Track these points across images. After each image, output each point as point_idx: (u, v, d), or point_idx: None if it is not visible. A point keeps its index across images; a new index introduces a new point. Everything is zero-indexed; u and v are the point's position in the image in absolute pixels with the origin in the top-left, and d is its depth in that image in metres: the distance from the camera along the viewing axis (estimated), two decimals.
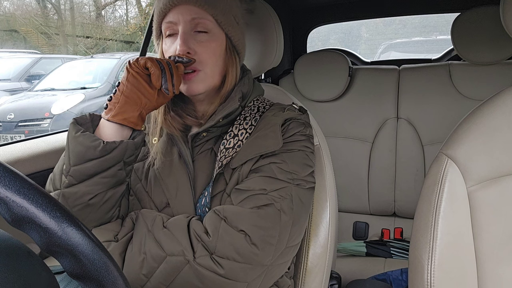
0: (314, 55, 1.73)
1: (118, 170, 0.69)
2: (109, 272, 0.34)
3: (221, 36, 0.77)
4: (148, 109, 0.71)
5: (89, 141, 0.66)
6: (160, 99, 0.72)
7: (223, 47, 0.77)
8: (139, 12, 13.07)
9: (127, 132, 0.71)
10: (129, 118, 0.69)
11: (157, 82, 0.69)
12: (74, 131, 0.68)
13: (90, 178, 0.68)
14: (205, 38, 0.75)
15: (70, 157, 0.68)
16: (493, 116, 0.74)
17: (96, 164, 0.67)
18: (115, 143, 0.67)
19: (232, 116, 0.78)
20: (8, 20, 11.75)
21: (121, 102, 0.68)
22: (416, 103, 1.59)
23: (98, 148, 0.66)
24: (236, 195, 0.70)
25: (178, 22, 0.74)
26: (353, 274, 1.34)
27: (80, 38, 12.41)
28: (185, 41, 0.72)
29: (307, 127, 0.79)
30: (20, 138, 2.39)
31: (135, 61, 0.70)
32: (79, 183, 0.68)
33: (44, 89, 6.07)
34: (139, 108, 0.69)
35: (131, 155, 0.70)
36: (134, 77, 0.68)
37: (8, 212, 0.32)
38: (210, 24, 0.75)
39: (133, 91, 0.68)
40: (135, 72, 0.69)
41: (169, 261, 0.65)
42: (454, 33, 1.45)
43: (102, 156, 0.66)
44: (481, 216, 0.72)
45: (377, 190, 1.64)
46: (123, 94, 0.68)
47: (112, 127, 0.69)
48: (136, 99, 0.69)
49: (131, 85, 0.68)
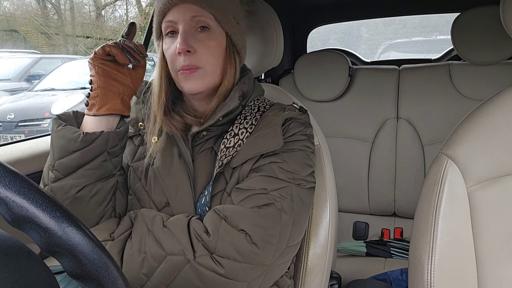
0: (314, 55, 1.73)
1: (102, 161, 0.70)
2: (109, 272, 0.34)
3: (221, 35, 0.77)
4: (128, 93, 0.73)
5: (70, 133, 0.68)
6: (134, 79, 0.74)
7: (223, 46, 0.77)
8: (139, 12, 13.07)
9: (113, 122, 0.72)
10: (113, 106, 0.71)
11: (124, 59, 0.71)
12: (56, 126, 0.70)
13: (75, 171, 0.69)
14: (205, 36, 0.75)
15: (54, 151, 0.70)
16: (493, 116, 0.74)
17: (79, 155, 0.68)
18: (95, 133, 0.69)
19: (232, 115, 0.78)
20: (8, 20, 11.75)
21: (100, 95, 0.70)
22: (416, 103, 1.59)
23: (78, 139, 0.67)
24: (237, 195, 0.70)
25: (178, 21, 0.74)
26: (353, 274, 1.34)
27: (80, 38, 12.41)
28: (185, 39, 0.73)
29: (308, 127, 0.79)
30: (20, 138, 2.39)
31: (93, 54, 0.71)
32: (65, 177, 0.69)
33: (44, 89, 6.07)
34: (119, 95, 0.72)
35: (115, 145, 0.72)
36: (101, 68, 0.70)
37: (8, 212, 0.32)
38: (210, 22, 0.75)
39: (106, 81, 0.70)
40: (99, 63, 0.70)
41: (169, 261, 0.65)
42: (454, 33, 1.45)
43: (83, 148, 0.68)
44: (481, 216, 0.72)
45: (377, 190, 1.64)
46: (99, 86, 0.70)
47: (97, 120, 0.71)
48: (113, 88, 0.71)
49: (102, 76, 0.70)
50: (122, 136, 0.73)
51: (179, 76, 0.76)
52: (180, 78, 0.75)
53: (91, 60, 0.71)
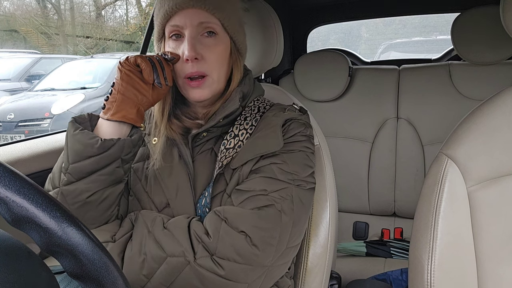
0: (314, 55, 1.73)
1: (116, 168, 0.70)
2: (109, 272, 0.34)
3: (226, 40, 0.77)
4: (145, 105, 0.73)
5: (87, 139, 0.67)
6: (155, 94, 0.73)
7: (228, 50, 0.78)
8: (139, 12, 13.06)
9: (125, 130, 0.72)
10: (128, 115, 0.70)
11: (149, 77, 0.71)
12: (72, 129, 0.69)
13: (89, 175, 0.68)
14: (212, 43, 0.74)
15: (68, 154, 0.69)
16: (493, 116, 0.74)
17: (94, 161, 0.67)
18: (113, 140, 0.68)
19: (233, 116, 0.78)
20: (8, 20, 11.75)
21: (118, 101, 0.70)
22: (416, 103, 1.59)
23: (96, 145, 0.67)
24: (237, 196, 0.70)
25: (185, 26, 0.73)
26: (353, 274, 1.34)
27: (80, 38, 12.41)
28: (193, 46, 0.72)
29: (308, 128, 0.79)
30: (20, 138, 2.38)
31: (125, 60, 0.71)
32: (78, 181, 0.68)
33: (44, 89, 6.07)
34: (136, 105, 0.71)
35: (129, 153, 0.71)
36: (127, 75, 0.70)
37: (8, 212, 0.32)
38: (217, 28, 0.75)
39: (128, 88, 0.70)
40: (127, 70, 0.70)
41: (169, 262, 0.64)
42: (454, 33, 1.45)
43: (100, 154, 0.67)
44: (481, 216, 0.72)
45: (377, 190, 1.64)
46: (119, 92, 0.70)
47: (110, 125, 0.70)
48: (132, 96, 0.70)
49: (126, 83, 0.70)
50: (136, 143, 0.72)
51: (185, 84, 0.75)
52: (187, 87, 0.76)
53: (120, 64, 0.71)
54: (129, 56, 0.71)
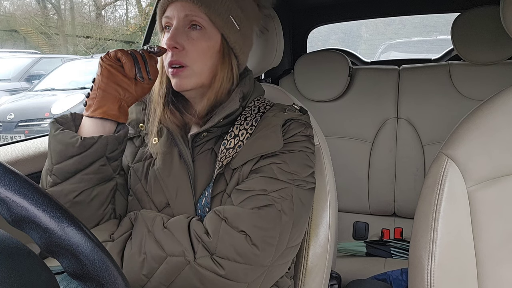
0: (314, 55, 1.73)
1: (101, 166, 0.69)
2: (109, 272, 0.34)
3: (215, 36, 0.76)
4: (128, 100, 0.72)
5: (67, 138, 0.67)
6: (139, 89, 0.72)
7: (216, 47, 0.76)
8: (139, 12, 13.07)
9: (109, 127, 0.71)
10: (109, 111, 0.69)
11: (131, 71, 0.70)
12: (53, 130, 0.68)
13: (73, 175, 0.68)
14: (196, 36, 0.74)
15: (51, 156, 0.68)
16: (493, 116, 0.74)
17: (77, 161, 0.67)
18: (94, 138, 0.67)
19: (233, 117, 0.78)
20: (8, 20, 11.75)
21: (99, 96, 0.69)
22: (416, 103, 1.59)
23: (76, 144, 0.66)
24: (237, 196, 0.70)
25: (173, 17, 0.75)
26: (353, 274, 1.34)
27: (80, 38, 12.41)
28: (174, 36, 0.73)
29: (308, 128, 0.79)
30: (20, 138, 2.39)
31: (106, 54, 0.70)
32: (63, 182, 0.68)
33: (44, 89, 6.07)
34: (118, 100, 0.70)
35: (114, 150, 0.70)
36: (108, 70, 0.69)
37: (8, 212, 0.32)
38: (204, 23, 0.74)
39: (108, 84, 0.69)
40: (107, 65, 0.69)
41: (169, 262, 0.65)
42: (454, 33, 1.45)
43: (81, 152, 0.67)
44: (481, 216, 0.72)
45: (377, 190, 1.64)
46: (100, 88, 0.69)
47: (93, 123, 0.69)
48: (114, 92, 0.69)
49: (106, 78, 0.69)
50: (121, 140, 0.71)
51: (169, 72, 0.76)
52: (170, 75, 0.76)
53: (101, 59, 0.70)
54: (110, 51, 0.71)
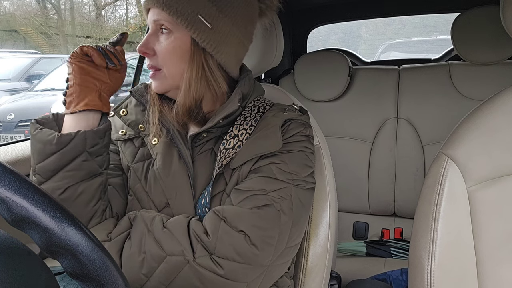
0: (314, 55, 1.73)
1: (83, 162, 0.69)
2: (108, 272, 0.34)
3: (183, 37, 0.74)
4: (106, 90, 0.73)
5: (45, 136, 0.67)
6: (114, 78, 0.74)
7: (184, 48, 0.74)
8: (139, 12, 13.07)
9: (93, 119, 0.71)
10: (90, 102, 0.70)
11: (101, 61, 0.71)
12: (33, 130, 0.69)
13: (56, 173, 0.68)
14: (163, 39, 0.75)
15: (33, 155, 0.69)
16: (493, 116, 0.74)
17: (57, 158, 0.67)
18: (71, 134, 0.68)
19: (232, 117, 0.78)
20: (8, 20, 11.76)
21: (77, 91, 0.70)
22: (416, 103, 1.59)
23: (53, 141, 0.67)
24: (236, 196, 0.70)
25: (149, 23, 0.76)
26: (353, 274, 1.34)
27: (80, 38, 12.42)
28: (144, 43, 0.75)
29: (307, 128, 0.79)
30: (20, 138, 2.39)
31: (72, 53, 0.71)
32: (47, 180, 0.68)
33: (44, 89, 6.07)
34: (97, 91, 0.71)
35: (95, 145, 0.70)
36: (78, 66, 0.70)
37: (8, 212, 0.32)
38: (170, 25, 0.74)
39: (83, 78, 0.70)
40: (77, 61, 0.70)
41: (169, 261, 0.65)
42: (454, 33, 1.45)
43: (60, 150, 0.67)
44: (481, 216, 0.72)
45: (377, 190, 1.64)
46: (75, 83, 0.70)
47: (76, 118, 0.70)
48: (90, 85, 0.70)
49: (79, 74, 0.70)
50: (102, 134, 0.71)
51: None
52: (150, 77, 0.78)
53: (69, 59, 0.71)
54: (75, 49, 0.71)
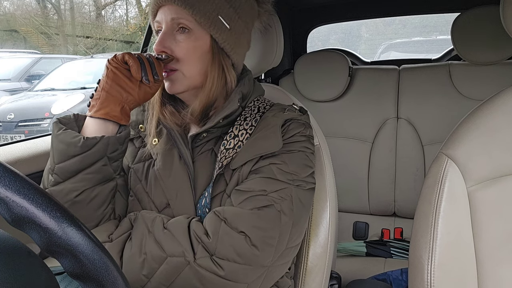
0: (314, 55, 1.73)
1: (102, 166, 0.70)
2: (109, 272, 0.34)
3: (203, 37, 0.75)
4: (131, 103, 0.72)
5: (69, 138, 0.67)
6: (142, 93, 0.72)
7: (205, 48, 0.75)
8: (139, 12, 13.07)
9: (112, 128, 0.71)
10: (111, 112, 0.70)
11: (137, 74, 0.70)
12: (56, 130, 0.69)
13: (75, 175, 0.68)
14: (183, 38, 0.74)
15: (53, 155, 0.69)
16: (493, 116, 0.74)
17: (79, 160, 0.67)
18: (96, 138, 0.68)
19: (232, 117, 0.78)
20: (8, 20, 11.76)
21: (102, 98, 0.70)
22: (416, 103, 1.59)
23: (78, 144, 0.67)
24: (236, 196, 0.70)
25: (162, 21, 0.75)
26: (353, 274, 1.34)
27: (80, 38, 12.42)
28: (162, 41, 0.74)
29: (307, 128, 0.79)
30: (20, 138, 2.39)
31: (113, 57, 0.71)
32: (65, 181, 0.69)
33: (44, 89, 6.07)
34: (121, 103, 0.70)
35: (115, 150, 0.71)
36: (113, 72, 0.70)
37: (8, 212, 0.32)
38: (190, 25, 0.74)
39: (113, 86, 0.69)
40: (114, 67, 0.70)
41: (169, 262, 0.65)
42: (454, 33, 1.45)
43: (83, 152, 0.67)
44: (481, 216, 0.72)
45: (377, 190, 1.64)
46: (104, 89, 0.70)
47: (96, 123, 0.70)
48: (117, 94, 0.70)
49: (111, 80, 0.69)
50: (122, 141, 0.72)
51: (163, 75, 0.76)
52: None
53: (108, 61, 0.71)
54: (117, 54, 0.71)
